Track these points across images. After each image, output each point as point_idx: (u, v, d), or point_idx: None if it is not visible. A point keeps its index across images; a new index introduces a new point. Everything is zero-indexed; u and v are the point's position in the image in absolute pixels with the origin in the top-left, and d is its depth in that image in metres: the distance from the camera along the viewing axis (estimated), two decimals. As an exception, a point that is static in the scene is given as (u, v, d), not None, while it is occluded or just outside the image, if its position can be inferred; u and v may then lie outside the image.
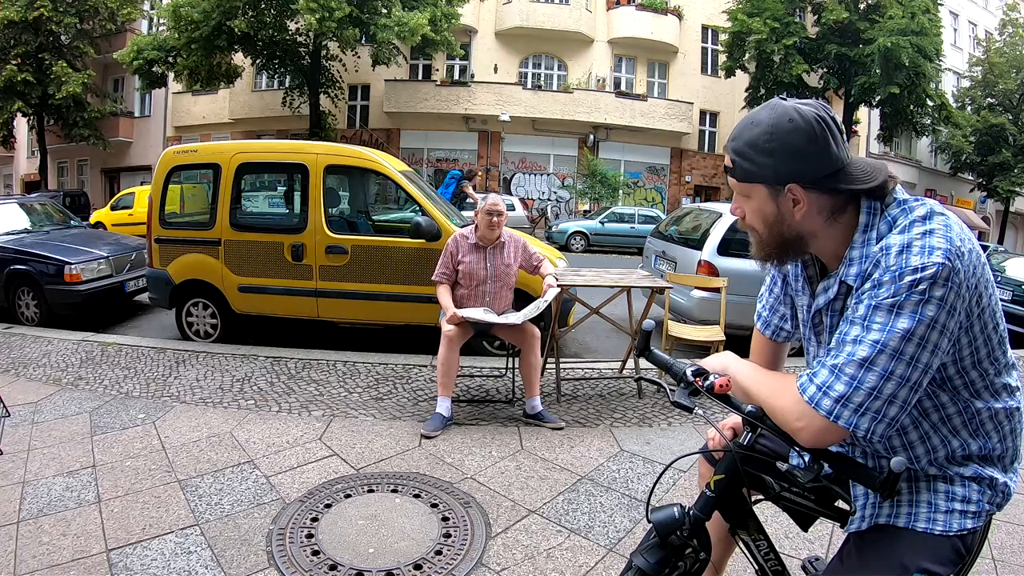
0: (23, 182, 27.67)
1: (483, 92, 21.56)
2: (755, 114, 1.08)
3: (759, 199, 1.10)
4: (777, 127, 1.04)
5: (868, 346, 0.99)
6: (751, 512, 1.33)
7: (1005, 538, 2.50)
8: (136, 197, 14.11)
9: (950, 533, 1.12)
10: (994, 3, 27.37)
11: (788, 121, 1.03)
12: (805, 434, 1.06)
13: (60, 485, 2.71)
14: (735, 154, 1.10)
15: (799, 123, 1.02)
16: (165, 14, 17.18)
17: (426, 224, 4.87)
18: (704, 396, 1.23)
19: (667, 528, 1.21)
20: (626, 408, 3.91)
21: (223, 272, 5.17)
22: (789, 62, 18.33)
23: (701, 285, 5.17)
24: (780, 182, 1.06)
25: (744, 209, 1.15)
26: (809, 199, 1.07)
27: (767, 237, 1.14)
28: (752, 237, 1.18)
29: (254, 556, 2.25)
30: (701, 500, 1.26)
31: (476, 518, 2.54)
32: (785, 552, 2.27)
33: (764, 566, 1.34)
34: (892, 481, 0.98)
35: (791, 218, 1.09)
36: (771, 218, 1.10)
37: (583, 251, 16.89)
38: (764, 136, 1.05)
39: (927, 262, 0.97)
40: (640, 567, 1.22)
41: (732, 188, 1.16)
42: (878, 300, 0.99)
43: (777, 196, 1.08)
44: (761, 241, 1.16)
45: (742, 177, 1.10)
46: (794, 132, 1.03)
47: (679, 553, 1.23)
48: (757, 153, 1.06)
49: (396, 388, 4.11)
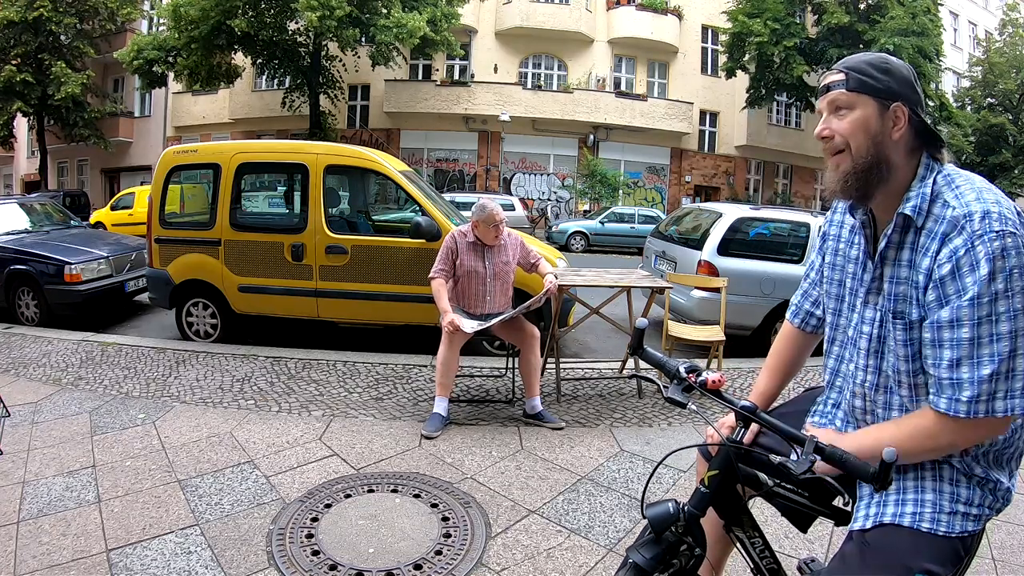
0: (23, 182, 27.66)
1: (483, 92, 21.55)
2: (864, 53, 1.21)
3: (866, 111, 1.15)
4: (890, 59, 1.17)
5: (1007, 339, 1.04)
6: (746, 509, 1.34)
7: (1005, 538, 2.50)
8: (136, 197, 14.11)
9: (952, 535, 1.12)
10: (994, 3, 27.38)
11: (897, 60, 1.19)
12: (977, 439, 1.12)
13: (60, 485, 2.71)
14: (849, 69, 1.16)
15: (905, 65, 1.19)
16: (165, 14, 17.17)
17: (426, 224, 4.87)
18: (697, 392, 1.23)
19: (662, 523, 1.21)
20: (626, 408, 3.91)
21: (223, 272, 5.17)
22: (789, 63, 18.33)
23: (701, 285, 5.17)
24: (890, 98, 1.14)
25: (842, 124, 1.16)
26: (907, 121, 1.15)
27: (860, 156, 1.15)
28: (836, 165, 1.19)
29: (254, 556, 2.25)
30: (696, 496, 1.26)
31: (476, 518, 2.54)
32: (785, 552, 2.27)
33: (759, 564, 1.34)
34: (885, 471, 0.99)
35: (888, 137, 1.15)
36: (873, 130, 1.15)
37: (583, 251, 16.88)
38: (880, 60, 1.16)
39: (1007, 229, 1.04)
40: (636, 562, 1.22)
41: (830, 103, 1.18)
42: (986, 290, 1.03)
43: (883, 112, 1.14)
44: (850, 167, 1.16)
45: (856, 86, 1.15)
46: (902, 67, 1.17)
47: (674, 550, 1.23)
48: (875, 70, 1.15)
49: (396, 388, 4.11)
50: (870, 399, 1.25)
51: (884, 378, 1.22)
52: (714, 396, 1.19)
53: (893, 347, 1.18)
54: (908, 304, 1.14)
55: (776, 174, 25.40)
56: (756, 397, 1.47)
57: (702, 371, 1.22)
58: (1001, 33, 25.10)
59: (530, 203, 21.89)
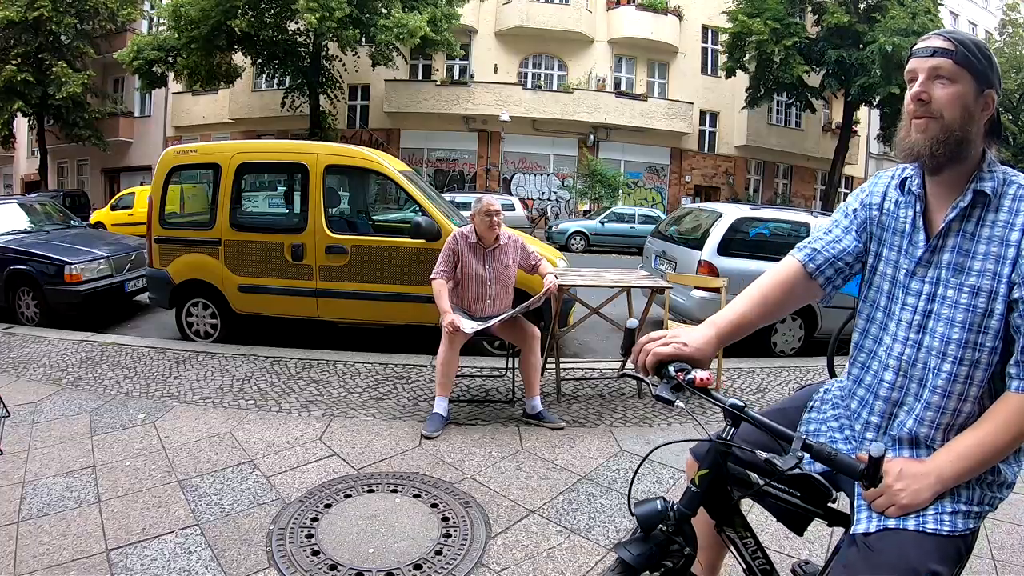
0: (23, 182, 27.66)
1: (483, 92, 21.55)
2: (963, 32, 1.24)
3: (966, 87, 1.16)
4: (989, 47, 1.19)
5: None
6: (737, 509, 1.32)
7: (1005, 538, 2.50)
8: (136, 197, 14.12)
9: (956, 534, 1.13)
10: (994, 3, 27.38)
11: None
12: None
13: (60, 485, 2.71)
14: (959, 43, 1.16)
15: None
16: (165, 14, 17.17)
17: (426, 224, 4.87)
18: (687, 390, 1.21)
19: (650, 521, 1.20)
20: (626, 408, 3.91)
21: (223, 272, 5.17)
22: (789, 62, 18.34)
23: (701, 285, 5.17)
24: (987, 84, 1.17)
25: (942, 92, 1.16)
26: (993, 110, 1.19)
27: (953, 128, 1.16)
28: (924, 128, 1.18)
29: (254, 556, 2.25)
30: (686, 496, 1.24)
31: (476, 518, 2.54)
32: (786, 552, 2.27)
33: (752, 564, 1.32)
34: (875, 468, 0.98)
35: (977, 119, 1.17)
36: (970, 107, 1.16)
37: (583, 251, 16.88)
38: (984, 45, 1.18)
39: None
40: (623, 559, 1.19)
41: (931, 68, 1.17)
42: None
43: (978, 95, 1.17)
44: (941, 134, 1.17)
45: (962, 61, 1.15)
46: (995, 61, 1.20)
47: (665, 550, 1.21)
48: (981, 52, 1.16)
49: (396, 388, 4.11)
50: (904, 372, 1.23)
51: (924, 353, 1.20)
52: (702, 394, 1.19)
53: (948, 315, 1.17)
54: (980, 275, 1.15)
55: (776, 174, 25.41)
56: (723, 322, 1.32)
57: (691, 370, 1.21)
58: (1001, 33, 25.08)
59: (530, 203, 21.88)
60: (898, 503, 1.14)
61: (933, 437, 1.20)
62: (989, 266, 1.14)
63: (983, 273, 1.15)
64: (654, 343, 1.23)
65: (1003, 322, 1.14)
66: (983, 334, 1.15)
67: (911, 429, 1.21)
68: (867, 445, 1.23)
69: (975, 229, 1.17)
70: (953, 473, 1.14)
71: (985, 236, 1.16)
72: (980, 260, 1.16)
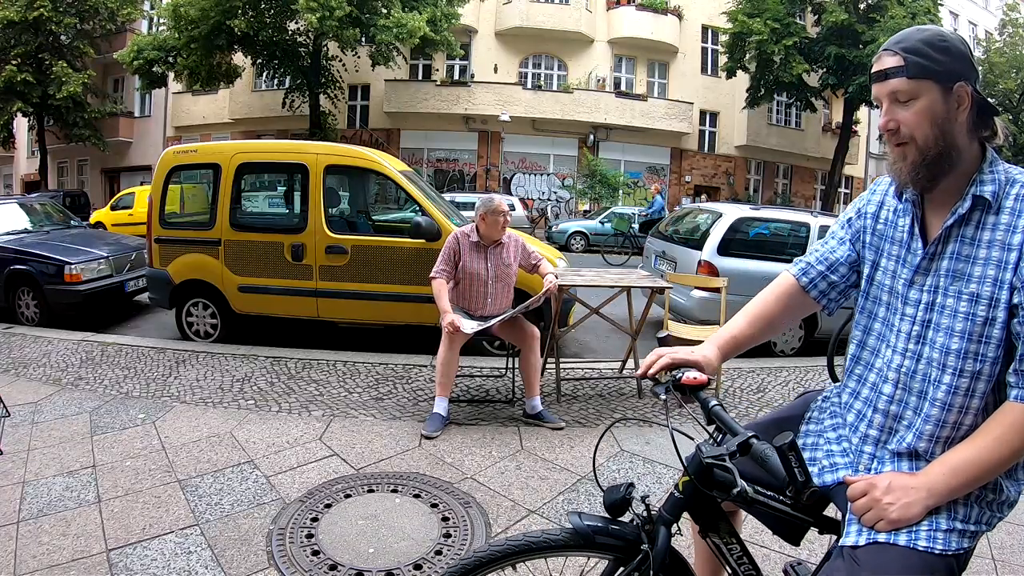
0: (23, 182, 27.64)
1: (483, 92, 21.54)
2: (916, 27, 1.15)
3: (930, 97, 1.10)
4: (945, 33, 1.12)
5: None
6: (723, 514, 1.30)
7: (1005, 538, 2.50)
8: (136, 197, 14.11)
9: (948, 552, 1.08)
10: (994, 3, 27.38)
11: (951, 33, 1.13)
12: None
13: (60, 485, 2.71)
14: (907, 52, 1.10)
15: (959, 37, 1.14)
16: (165, 14, 17.17)
17: (426, 224, 4.87)
18: (674, 391, 1.22)
19: (611, 500, 1.20)
20: (626, 408, 3.91)
21: (223, 272, 5.17)
22: (789, 62, 18.33)
23: (701, 285, 5.17)
24: (951, 80, 1.10)
25: (906, 114, 1.12)
26: (971, 101, 1.11)
27: (928, 146, 1.11)
28: (902, 156, 1.14)
29: (254, 556, 2.25)
30: (669, 501, 1.23)
31: (476, 518, 2.54)
32: (786, 553, 2.27)
33: (738, 570, 1.30)
34: (805, 488, 1.00)
35: (954, 120, 1.11)
36: (940, 117, 1.10)
37: (583, 251, 16.87)
38: (938, 37, 1.11)
39: None
40: (574, 525, 1.21)
41: (890, 93, 1.13)
42: None
43: (947, 96, 1.10)
44: (919, 158, 1.13)
45: (916, 72, 1.10)
46: (957, 40, 1.12)
47: (621, 537, 1.21)
48: (933, 50, 1.09)
49: (396, 388, 4.11)
50: (903, 385, 1.19)
51: (924, 364, 1.16)
52: (679, 392, 1.18)
53: (947, 325, 1.13)
54: (980, 282, 1.10)
55: (776, 174, 25.40)
56: (722, 339, 1.37)
57: (681, 371, 1.22)
58: (1001, 33, 25.07)
59: (530, 203, 21.87)
60: (887, 517, 1.09)
61: (933, 451, 1.15)
62: (990, 271, 1.10)
63: (983, 279, 1.10)
64: (671, 350, 1.30)
65: (1005, 330, 1.08)
66: (984, 344, 1.10)
67: (910, 443, 1.17)
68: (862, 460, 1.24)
69: (975, 233, 1.12)
70: (946, 488, 1.09)
71: (986, 240, 1.11)
72: (980, 266, 1.11)
